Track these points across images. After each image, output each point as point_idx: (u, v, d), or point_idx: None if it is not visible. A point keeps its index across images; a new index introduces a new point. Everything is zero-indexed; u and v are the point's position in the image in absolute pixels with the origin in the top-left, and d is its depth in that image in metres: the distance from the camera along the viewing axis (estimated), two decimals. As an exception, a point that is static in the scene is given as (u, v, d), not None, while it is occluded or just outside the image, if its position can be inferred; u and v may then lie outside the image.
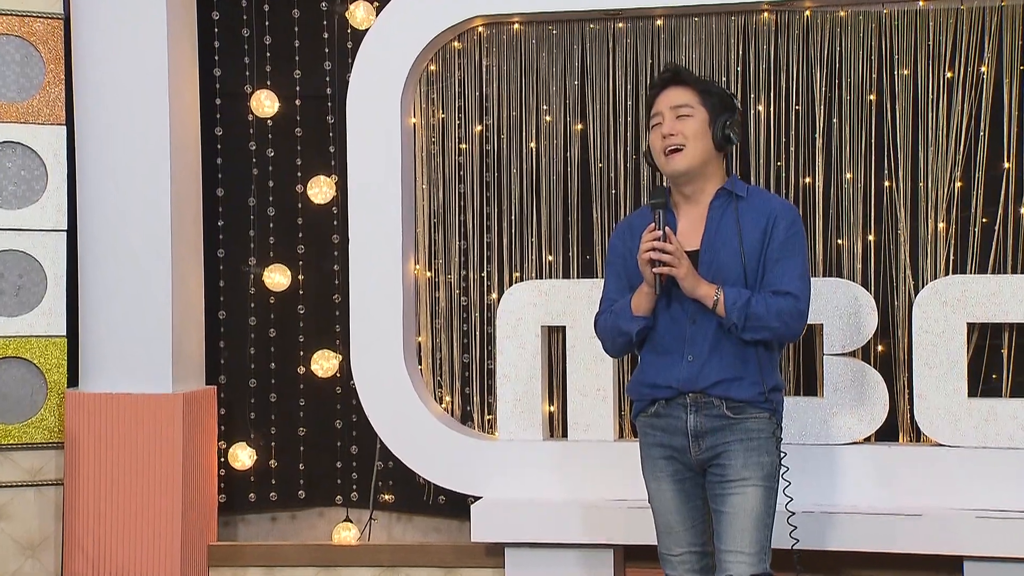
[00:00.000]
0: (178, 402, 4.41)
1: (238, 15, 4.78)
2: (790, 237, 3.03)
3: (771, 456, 3.00)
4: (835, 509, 4.00)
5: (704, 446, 3.01)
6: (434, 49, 4.52)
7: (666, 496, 3.08)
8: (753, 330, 2.96)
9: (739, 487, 2.96)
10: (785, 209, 3.07)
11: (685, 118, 3.03)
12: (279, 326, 4.83)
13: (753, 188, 3.14)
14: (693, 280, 2.96)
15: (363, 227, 4.46)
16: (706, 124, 3.04)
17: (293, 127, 4.81)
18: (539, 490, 4.27)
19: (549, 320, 4.33)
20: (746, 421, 2.99)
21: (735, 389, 2.99)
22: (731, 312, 2.94)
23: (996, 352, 4.16)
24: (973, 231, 4.17)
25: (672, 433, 3.05)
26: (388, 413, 4.45)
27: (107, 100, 4.45)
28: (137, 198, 4.44)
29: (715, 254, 3.02)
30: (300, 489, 4.83)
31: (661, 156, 3.07)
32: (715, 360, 2.99)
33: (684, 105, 3.04)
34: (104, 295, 4.46)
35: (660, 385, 3.04)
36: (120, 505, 4.41)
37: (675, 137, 3.03)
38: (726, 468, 2.98)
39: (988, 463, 3.99)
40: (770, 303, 2.97)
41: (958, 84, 4.17)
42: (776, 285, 3.00)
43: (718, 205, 3.07)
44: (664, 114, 3.06)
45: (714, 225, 3.05)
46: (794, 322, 3.01)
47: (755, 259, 3.01)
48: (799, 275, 3.02)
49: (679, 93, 3.07)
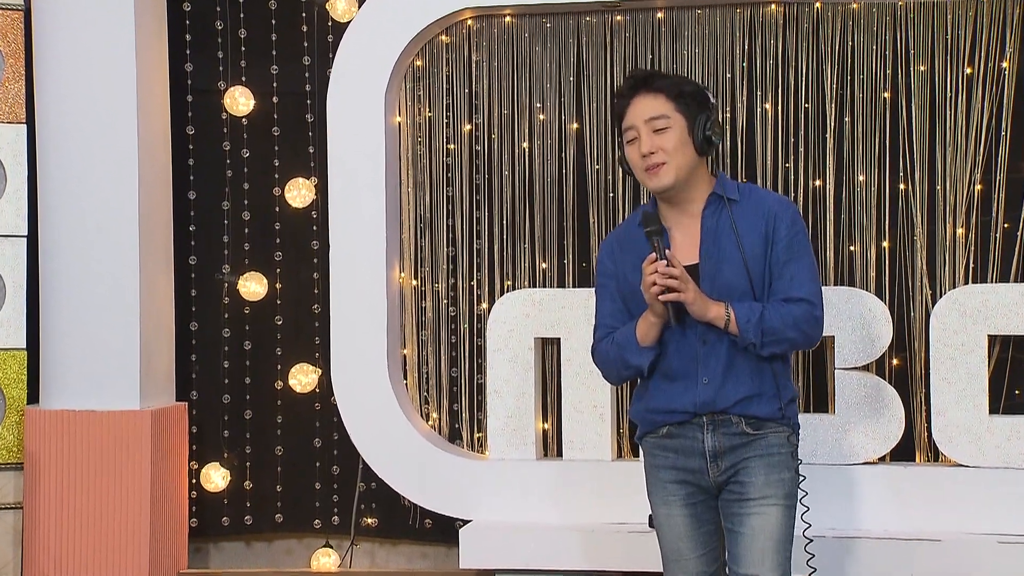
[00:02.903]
0: (146, 419, 4.40)
1: (211, 7, 4.80)
2: (794, 237, 2.98)
3: (791, 472, 2.97)
4: (847, 533, 3.99)
5: (723, 466, 2.97)
6: (420, 43, 4.52)
7: (676, 522, 3.03)
8: (771, 345, 2.93)
9: (759, 507, 2.93)
10: (783, 207, 3.02)
11: (663, 132, 2.97)
12: (255, 338, 4.83)
13: (744, 187, 3.09)
14: (702, 303, 2.91)
15: (344, 232, 4.45)
16: (685, 132, 2.97)
17: (270, 126, 4.81)
18: (532, 513, 4.26)
19: (543, 332, 4.32)
20: (766, 437, 2.97)
21: (755, 406, 2.96)
22: (746, 331, 2.90)
23: (1019, 366, 4.17)
24: (994, 237, 4.18)
25: (687, 455, 3.00)
26: (371, 431, 4.44)
27: (71, 97, 4.44)
28: (103, 202, 4.44)
29: (716, 266, 2.97)
30: (277, 512, 4.82)
31: (641, 173, 3.02)
32: (732, 379, 2.96)
33: (660, 116, 2.97)
34: (67, 305, 4.44)
35: (676, 410, 3.00)
36: (84, 530, 4.39)
37: (656, 155, 2.97)
38: (745, 486, 2.94)
39: (1011, 485, 3.98)
40: (784, 313, 2.93)
41: (978, 80, 4.17)
42: (787, 292, 2.96)
43: (711, 213, 3.01)
44: (639, 128, 2.99)
45: (711, 235, 3.00)
46: (812, 329, 2.98)
47: (759, 265, 2.97)
48: (809, 278, 2.99)
49: (651, 103, 2.99)
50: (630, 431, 4.33)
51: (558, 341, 4.32)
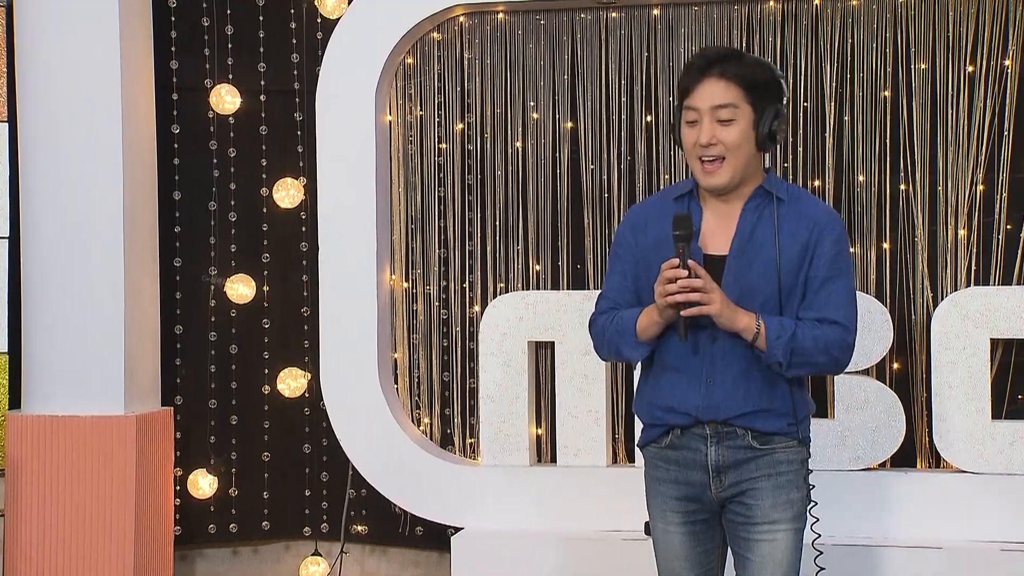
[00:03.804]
0: (131, 425, 4.38)
1: (197, 3, 4.80)
2: (838, 254, 2.86)
3: (800, 491, 2.88)
4: (847, 541, 3.96)
5: (727, 482, 2.86)
6: (411, 40, 4.51)
7: (674, 540, 2.93)
8: (798, 367, 2.81)
9: (768, 532, 2.84)
10: (831, 220, 2.90)
11: (727, 124, 2.82)
12: (242, 342, 4.82)
13: (793, 188, 2.97)
14: (730, 313, 2.77)
15: (334, 234, 4.45)
16: (750, 126, 2.83)
17: (257, 125, 4.81)
18: (525, 520, 4.26)
19: (536, 335, 4.31)
20: (774, 452, 2.86)
21: (761, 421, 2.85)
22: (774, 348, 2.78)
23: (1022, 370, 4.16)
24: (996, 238, 4.17)
25: (689, 467, 2.89)
26: (361, 436, 4.43)
27: (54, 95, 4.43)
28: (87, 202, 4.42)
29: (747, 264, 2.84)
30: (264, 520, 4.82)
31: (695, 161, 2.87)
32: (741, 388, 2.84)
33: (727, 106, 2.82)
34: (50, 308, 4.43)
35: (678, 410, 2.88)
36: (67, 538, 4.37)
37: (715, 147, 2.83)
38: (752, 509, 2.85)
39: (1014, 491, 3.97)
40: (817, 335, 2.80)
41: (980, 79, 4.16)
42: (822, 311, 2.83)
43: (753, 207, 2.88)
44: (702, 113, 2.83)
45: (747, 229, 2.86)
46: (842, 356, 2.86)
47: (792, 275, 2.84)
48: (847, 300, 2.86)
49: (721, 89, 2.82)
50: (625, 436, 4.32)
51: (552, 345, 4.32)
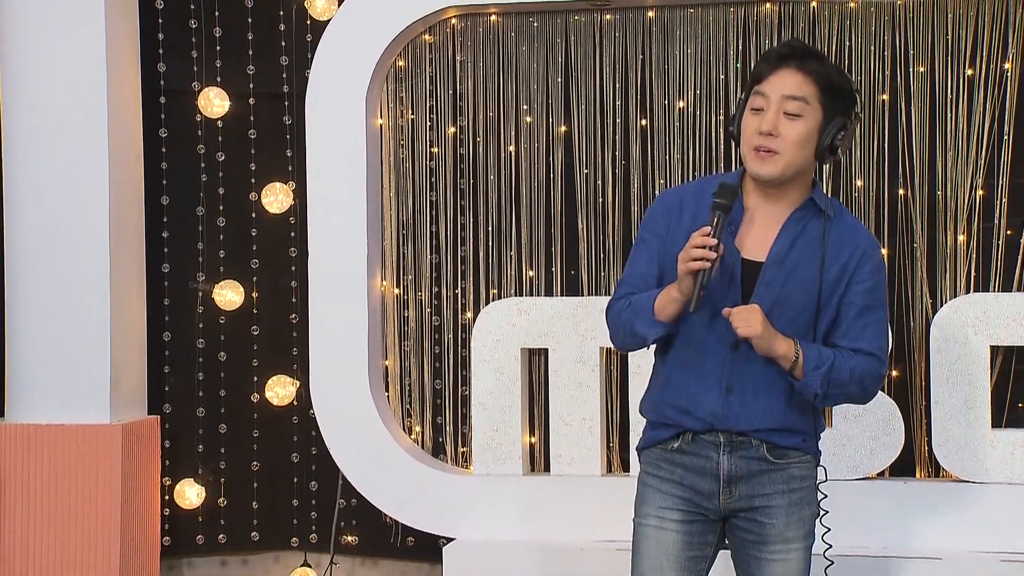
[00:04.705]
0: (117, 434, 4.37)
1: (184, 4, 4.78)
2: (877, 284, 2.82)
3: (811, 507, 2.85)
4: (844, 552, 3.87)
5: (738, 493, 2.81)
6: (403, 43, 4.50)
7: (667, 539, 2.83)
8: (832, 398, 2.79)
9: (781, 553, 2.80)
10: (872, 247, 2.85)
11: (793, 118, 2.75)
12: (230, 349, 4.83)
13: (838, 206, 2.91)
14: (769, 337, 2.70)
15: (324, 239, 4.44)
16: (815, 129, 2.76)
17: (246, 128, 4.81)
18: (518, 530, 4.25)
19: (529, 342, 4.30)
20: (789, 467, 2.82)
21: (778, 436, 2.81)
22: (811, 378, 2.73)
23: (1022, 377, 4.15)
24: (996, 244, 4.16)
25: (698, 474, 2.83)
26: (351, 445, 4.43)
27: (38, 98, 4.42)
28: (72, 206, 4.42)
29: (783, 276, 2.78)
30: (253, 530, 4.81)
31: (749, 150, 2.79)
32: (761, 402, 2.78)
33: (799, 99, 2.74)
34: (34, 314, 4.42)
35: (693, 414, 2.81)
36: (51, 548, 4.37)
37: (774, 140, 2.75)
38: (765, 527, 2.81)
39: (1014, 501, 3.97)
40: (854, 366, 2.77)
41: (979, 82, 4.16)
42: (858, 342, 2.79)
43: (799, 218, 2.81)
44: (771, 102, 2.76)
45: (788, 240, 2.79)
46: (873, 387, 2.84)
47: (826, 296, 2.79)
48: (882, 331, 2.84)
49: (797, 82, 2.75)
50: (620, 445, 4.31)
51: (546, 352, 4.31)
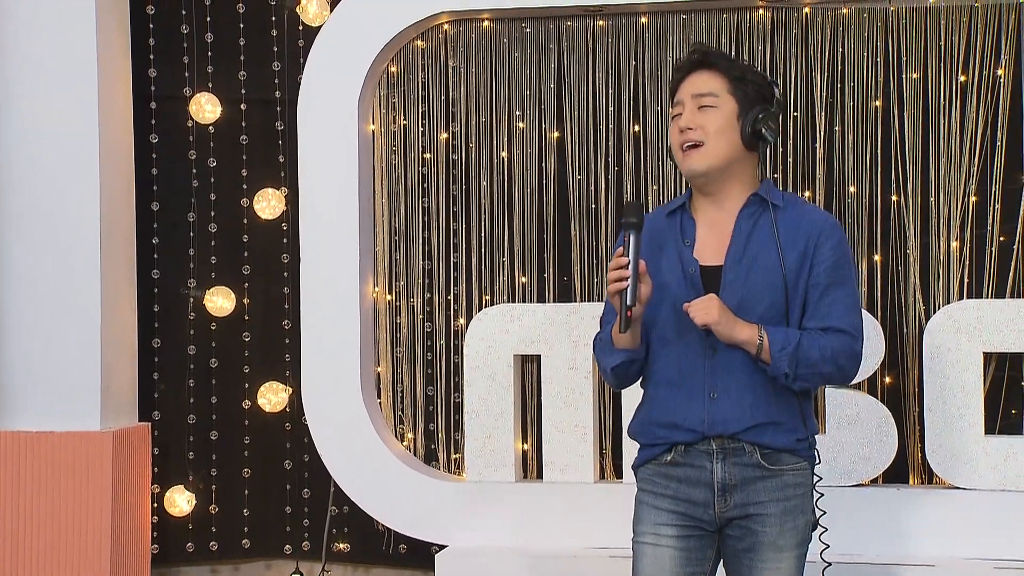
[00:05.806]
0: (107, 441, 4.36)
1: (176, 10, 4.79)
2: (839, 260, 2.85)
3: (805, 515, 2.86)
4: (837, 558, 3.88)
5: (733, 502, 2.82)
6: (395, 48, 4.51)
7: (664, 556, 2.86)
8: (804, 379, 2.79)
9: (773, 561, 2.81)
10: (830, 226, 2.88)
11: (708, 109, 2.84)
12: (221, 356, 4.82)
13: (789, 196, 2.96)
14: (728, 323, 2.75)
15: (316, 245, 4.43)
16: (734, 117, 2.85)
17: (238, 134, 4.81)
18: (511, 537, 4.25)
19: (522, 348, 4.30)
20: (783, 474, 2.82)
21: (770, 435, 2.81)
22: (779, 360, 2.76)
23: (1016, 385, 4.15)
24: (989, 250, 4.16)
25: (692, 485, 2.84)
26: (343, 452, 4.42)
27: (29, 104, 4.42)
28: (62, 212, 4.41)
29: (744, 274, 2.82)
30: (244, 538, 4.81)
31: (678, 152, 2.89)
32: (747, 400, 2.80)
33: (708, 94, 2.85)
34: (24, 321, 4.42)
35: (681, 426, 2.84)
36: (41, 557, 4.36)
37: (693, 132, 2.84)
38: (758, 535, 2.81)
39: (1007, 508, 3.97)
40: (823, 345, 2.79)
41: (972, 88, 4.16)
42: (826, 320, 2.81)
43: (748, 214, 2.87)
44: (685, 103, 2.87)
45: (743, 238, 2.85)
46: (849, 365, 2.84)
47: (791, 283, 2.82)
48: (851, 307, 2.85)
49: (705, 79, 2.87)
50: (613, 452, 4.31)
51: (538, 358, 4.30)
